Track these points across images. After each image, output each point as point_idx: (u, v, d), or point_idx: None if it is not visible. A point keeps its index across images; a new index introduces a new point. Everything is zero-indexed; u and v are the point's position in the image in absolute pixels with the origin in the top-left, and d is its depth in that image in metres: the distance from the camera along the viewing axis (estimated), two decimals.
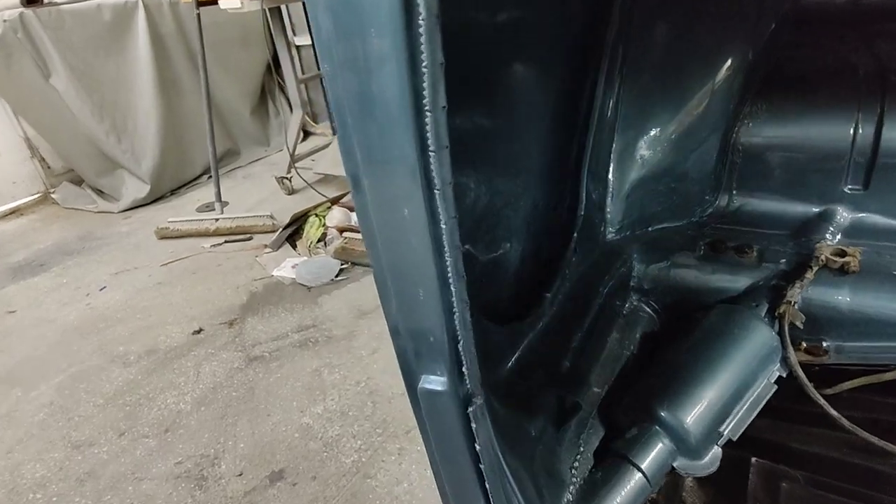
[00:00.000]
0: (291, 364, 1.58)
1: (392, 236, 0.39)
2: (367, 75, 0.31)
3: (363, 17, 0.30)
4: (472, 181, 0.66)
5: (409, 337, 0.45)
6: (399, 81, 0.30)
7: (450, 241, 0.37)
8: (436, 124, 0.32)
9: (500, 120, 0.67)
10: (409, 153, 0.34)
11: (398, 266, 0.41)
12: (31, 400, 1.59)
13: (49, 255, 2.57)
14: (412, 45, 0.29)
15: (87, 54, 2.71)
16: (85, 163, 3.04)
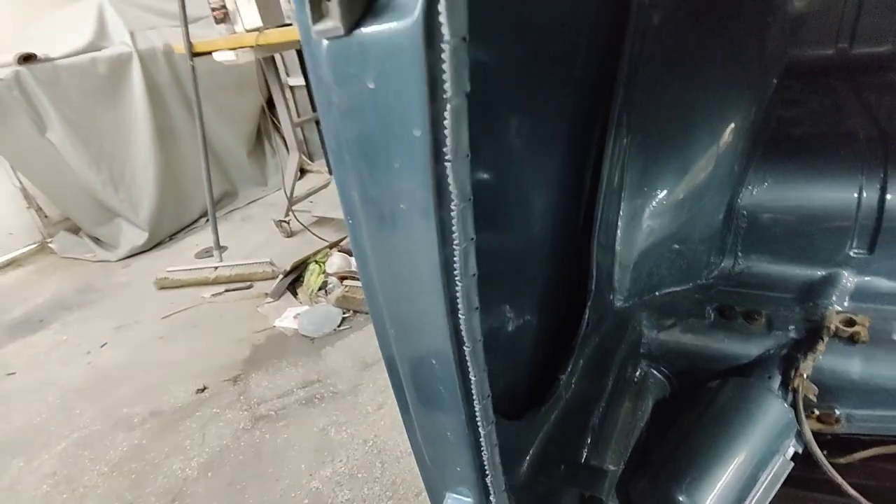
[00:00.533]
0: (298, 423, 1.57)
1: (406, 330, 0.39)
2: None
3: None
4: (495, 262, 0.67)
5: (432, 449, 0.45)
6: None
7: (469, 333, 0.36)
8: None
9: (507, 196, 0.68)
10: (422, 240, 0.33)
11: (417, 372, 0.40)
12: (33, 470, 1.56)
13: (48, 310, 2.55)
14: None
15: (83, 107, 2.73)
16: (82, 213, 3.05)
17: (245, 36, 2.31)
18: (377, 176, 0.32)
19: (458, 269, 0.33)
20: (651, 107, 0.84)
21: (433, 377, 0.39)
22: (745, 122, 0.89)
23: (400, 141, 0.29)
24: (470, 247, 0.32)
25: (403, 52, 0.27)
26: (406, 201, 0.32)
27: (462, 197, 0.30)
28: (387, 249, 0.36)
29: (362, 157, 0.32)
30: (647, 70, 0.82)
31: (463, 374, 0.36)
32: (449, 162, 0.29)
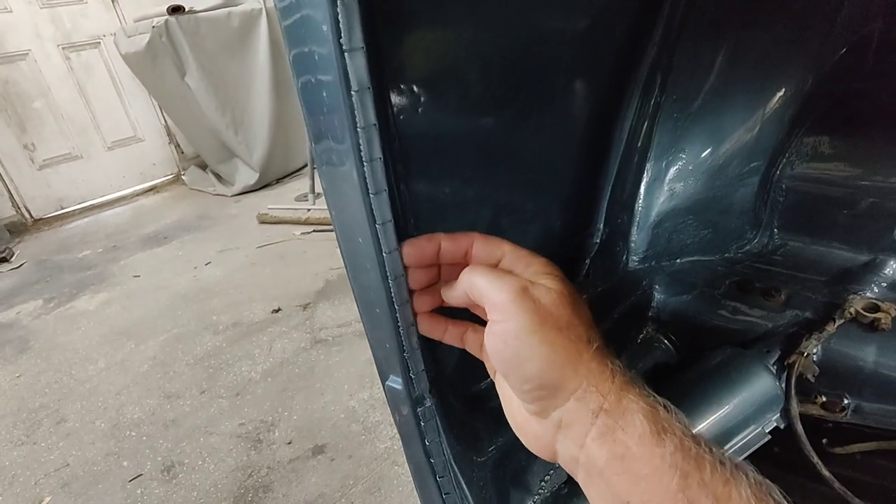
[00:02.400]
0: (349, 350, 1.73)
1: (352, 254, 0.47)
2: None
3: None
4: (478, 194, 0.71)
5: (375, 343, 0.53)
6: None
7: (392, 270, 0.44)
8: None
9: (518, 132, 0.71)
10: (356, 192, 0.41)
11: (358, 282, 0.48)
12: (140, 353, 1.88)
13: (172, 230, 2.98)
14: None
15: (216, 56, 3.08)
16: (208, 151, 3.46)
17: None
18: (298, 51, 0.39)
19: (369, 181, 0.40)
20: (689, 67, 0.81)
21: (360, 257, 0.46)
22: (798, 89, 0.82)
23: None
24: (373, 132, 0.38)
25: None
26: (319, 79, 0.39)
27: (352, 48, 0.36)
28: (317, 128, 0.43)
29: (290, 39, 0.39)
30: (688, 30, 0.79)
31: (378, 252, 0.43)
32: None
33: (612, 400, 0.31)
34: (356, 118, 0.38)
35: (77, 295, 2.37)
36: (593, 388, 0.31)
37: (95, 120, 3.46)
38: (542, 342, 0.32)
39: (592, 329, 0.34)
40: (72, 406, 1.66)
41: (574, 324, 0.33)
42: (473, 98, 0.62)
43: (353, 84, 0.36)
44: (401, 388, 0.53)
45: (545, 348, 0.32)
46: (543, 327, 0.32)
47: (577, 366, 0.32)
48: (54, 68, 3.23)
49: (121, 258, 2.71)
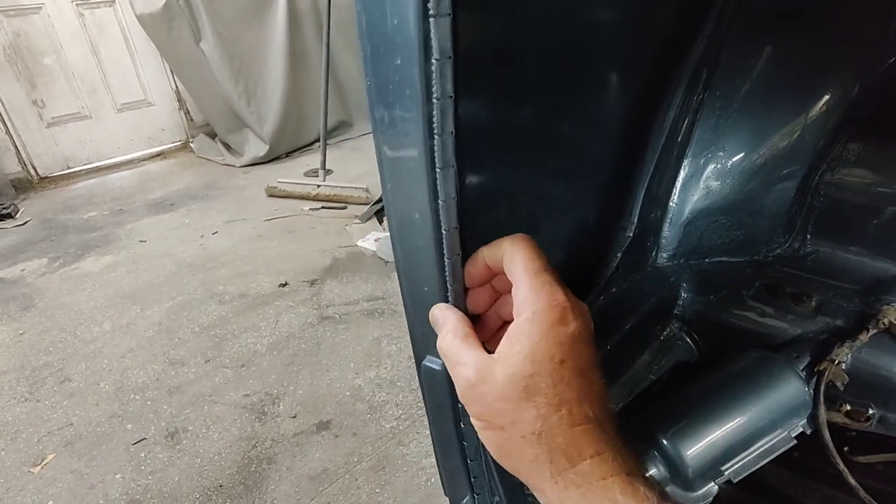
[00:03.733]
0: (356, 329, 1.72)
1: (405, 233, 0.46)
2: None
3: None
4: (519, 180, 0.70)
5: (416, 322, 0.52)
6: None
7: (449, 248, 0.42)
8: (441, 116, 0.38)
9: (563, 119, 0.70)
10: (420, 166, 0.40)
11: (408, 260, 0.47)
12: (145, 318, 1.87)
13: (179, 197, 2.95)
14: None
15: (232, 24, 3.03)
16: (219, 119, 3.42)
17: None
18: (383, 67, 0.38)
19: (437, 155, 0.38)
20: (737, 64, 0.79)
21: (415, 235, 0.45)
22: (844, 96, 0.81)
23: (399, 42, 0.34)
24: (448, 102, 0.37)
25: None
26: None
27: (442, 56, 0.35)
28: (384, 118, 0.41)
29: (374, 53, 0.37)
30: (738, 28, 0.77)
31: (436, 229, 0.42)
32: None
33: (554, 500, 0.30)
34: (432, 88, 0.37)
35: (82, 256, 2.36)
36: (536, 485, 0.31)
37: (106, 80, 3.41)
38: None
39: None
40: (76, 366, 1.65)
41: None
42: (525, 81, 0.60)
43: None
44: (440, 368, 0.52)
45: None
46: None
47: (520, 465, 0.32)
48: (67, 24, 3.18)
49: (127, 222, 2.69)
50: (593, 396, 0.31)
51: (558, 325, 0.31)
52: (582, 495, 0.29)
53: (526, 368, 0.31)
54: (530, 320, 0.32)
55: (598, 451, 0.29)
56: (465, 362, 0.34)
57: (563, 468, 0.29)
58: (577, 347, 0.31)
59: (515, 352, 0.32)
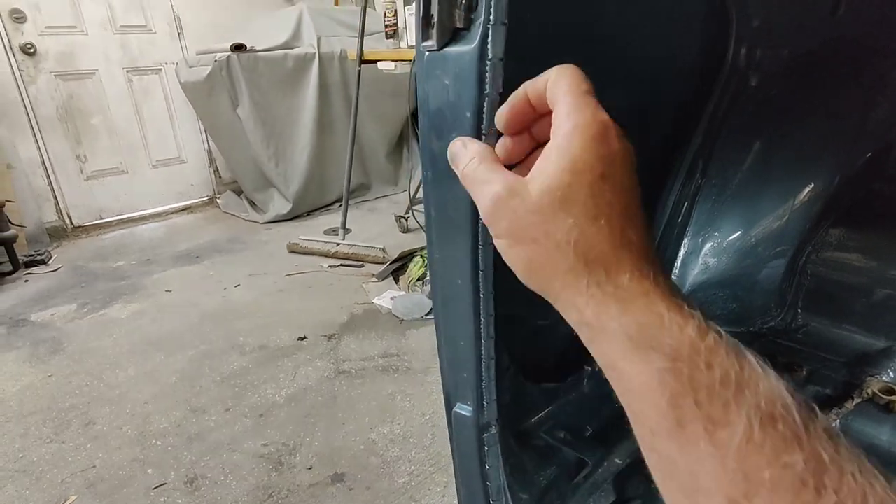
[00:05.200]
0: (371, 384, 1.78)
1: (448, 294, 0.55)
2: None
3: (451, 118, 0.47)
4: None
5: (451, 371, 0.60)
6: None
7: (485, 309, 0.52)
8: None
9: None
10: (466, 242, 0.50)
11: (449, 318, 0.57)
12: (169, 365, 1.95)
13: (204, 250, 3.09)
14: None
15: (268, 93, 3.29)
16: (247, 178, 3.62)
17: (406, 51, 2.65)
18: (441, 146, 0.49)
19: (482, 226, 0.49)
20: (729, 158, 0.91)
21: (456, 297, 0.55)
22: (825, 187, 0.92)
23: (457, 118, 0.46)
24: None
25: (467, 63, 0.43)
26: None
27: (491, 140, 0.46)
28: (439, 197, 0.52)
29: (435, 130, 0.49)
30: (730, 125, 0.89)
31: (475, 293, 0.52)
32: (484, 135, 0.45)
33: (589, 314, 0.28)
34: None
35: (110, 303, 2.47)
36: (570, 301, 0.29)
37: (145, 139, 3.65)
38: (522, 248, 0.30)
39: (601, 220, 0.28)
40: (100, 410, 1.71)
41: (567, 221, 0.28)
42: None
43: (485, 129, 0.45)
44: (469, 414, 0.60)
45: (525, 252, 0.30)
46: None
47: (553, 279, 0.30)
48: (116, 88, 3.46)
49: (153, 272, 2.81)
50: (635, 221, 0.29)
51: (601, 140, 0.29)
52: (622, 309, 0.27)
53: (564, 179, 0.28)
54: (570, 133, 0.29)
55: (638, 269, 0.28)
56: (492, 181, 0.32)
57: (602, 280, 0.27)
58: (619, 167, 0.29)
59: (552, 164, 0.29)
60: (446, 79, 0.46)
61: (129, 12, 3.43)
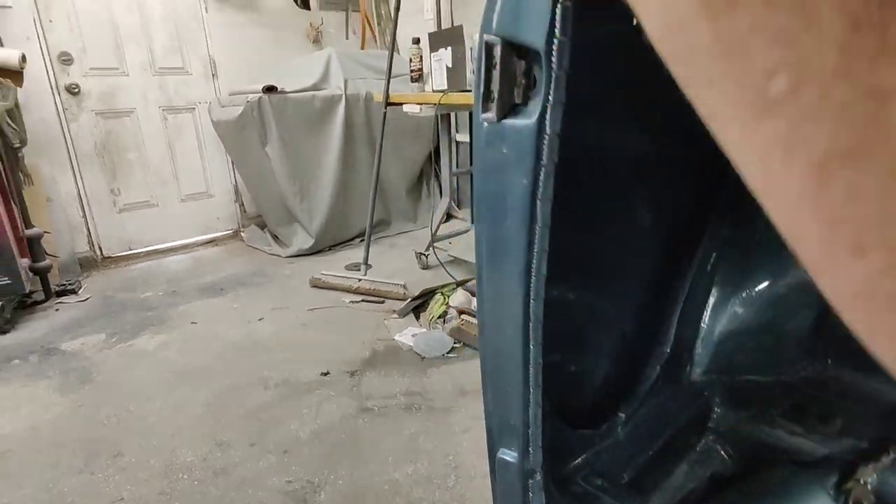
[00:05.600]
0: (395, 423, 1.79)
1: (497, 343, 0.58)
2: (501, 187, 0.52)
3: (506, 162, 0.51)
4: (573, 302, 0.83)
5: (496, 417, 0.63)
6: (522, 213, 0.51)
7: (534, 359, 0.55)
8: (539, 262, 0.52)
9: (608, 249, 0.84)
10: (518, 294, 0.53)
11: (497, 365, 0.60)
12: (195, 397, 1.98)
13: (228, 283, 3.16)
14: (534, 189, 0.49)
15: (296, 132, 3.41)
16: (272, 213, 3.72)
17: (431, 95, 2.75)
18: (496, 207, 0.54)
19: (534, 271, 0.53)
20: (756, 208, 0.94)
21: (505, 345, 0.58)
22: None
23: (513, 183, 0.50)
24: (543, 254, 0.51)
25: (526, 137, 0.48)
26: (510, 223, 0.53)
27: (543, 224, 0.50)
28: (491, 252, 0.56)
29: (490, 191, 0.53)
30: None
31: (525, 343, 0.55)
32: (539, 201, 0.49)
33: None
34: (534, 247, 0.52)
35: (138, 333, 2.52)
36: None
37: (176, 174, 3.79)
38: None
39: None
40: (128, 441, 1.74)
41: None
42: (592, 227, 0.76)
43: (539, 221, 0.49)
44: (514, 460, 0.62)
45: None
46: None
47: None
48: (152, 126, 3.62)
49: (179, 303, 2.88)
50: None
51: None
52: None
53: None
54: None
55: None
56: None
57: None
58: None
59: None
60: (504, 147, 0.51)
61: (169, 55, 3.61)
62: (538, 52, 0.45)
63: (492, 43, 0.48)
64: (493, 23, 0.48)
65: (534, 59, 0.47)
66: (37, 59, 3.08)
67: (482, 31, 0.50)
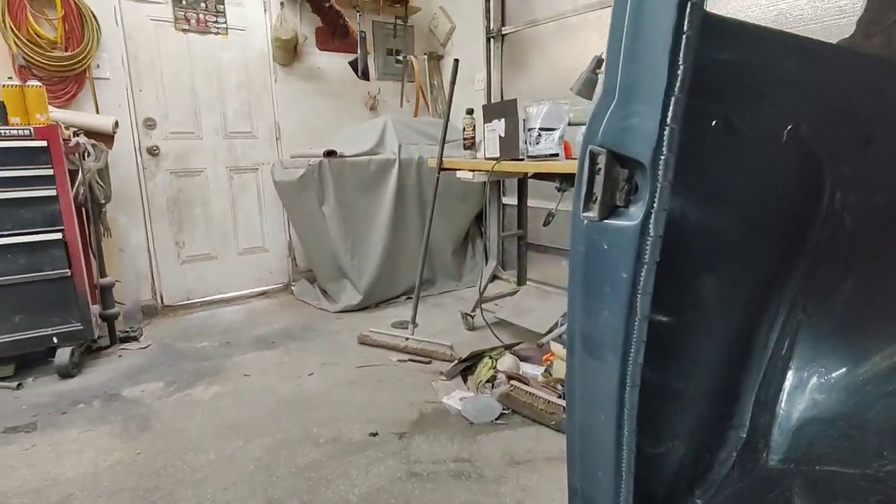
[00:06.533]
0: (444, 490, 1.76)
1: (588, 428, 0.61)
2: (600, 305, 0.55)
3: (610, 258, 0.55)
4: (653, 384, 0.84)
5: (583, 500, 0.64)
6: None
7: (628, 446, 0.57)
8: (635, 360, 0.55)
9: (686, 331, 0.85)
10: (612, 386, 0.56)
11: (587, 449, 0.61)
12: (247, 451, 2.01)
13: (279, 336, 3.25)
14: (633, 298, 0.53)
15: (351, 193, 3.59)
16: (323, 268, 3.85)
17: (484, 162, 2.87)
18: (593, 297, 0.57)
19: (632, 360, 0.55)
20: (827, 295, 0.95)
21: (598, 432, 0.60)
22: None
23: (614, 277, 0.54)
24: (641, 344, 0.54)
25: (628, 237, 0.52)
26: (608, 312, 0.56)
27: (643, 317, 0.53)
28: (587, 342, 0.60)
29: (589, 282, 0.57)
30: (828, 263, 0.94)
31: (619, 429, 0.57)
32: (640, 294, 0.53)
33: None
34: (632, 338, 0.55)
35: (194, 383, 2.61)
36: None
37: (236, 229, 4.01)
38: None
39: None
40: (183, 492, 1.77)
41: None
42: (677, 326, 0.79)
43: (639, 314, 0.53)
44: None
45: None
46: None
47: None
48: (219, 184, 3.87)
49: (233, 354, 2.97)
50: None
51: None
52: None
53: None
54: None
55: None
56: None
57: None
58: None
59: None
60: (604, 244, 0.55)
61: (239, 121, 3.92)
62: (643, 164, 0.50)
63: (596, 152, 0.54)
64: (599, 135, 0.54)
65: (636, 167, 0.52)
66: (126, 123, 3.40)
67: (586, 139, 0.56)
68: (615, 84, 0.53)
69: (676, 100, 0.46)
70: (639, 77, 0.50)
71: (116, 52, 3.37)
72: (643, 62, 0.50)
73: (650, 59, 0.50)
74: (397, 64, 4.64)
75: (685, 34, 0.47)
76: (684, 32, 0.47)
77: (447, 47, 4.71)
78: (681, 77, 0.47)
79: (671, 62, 0.47)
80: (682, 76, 0.47)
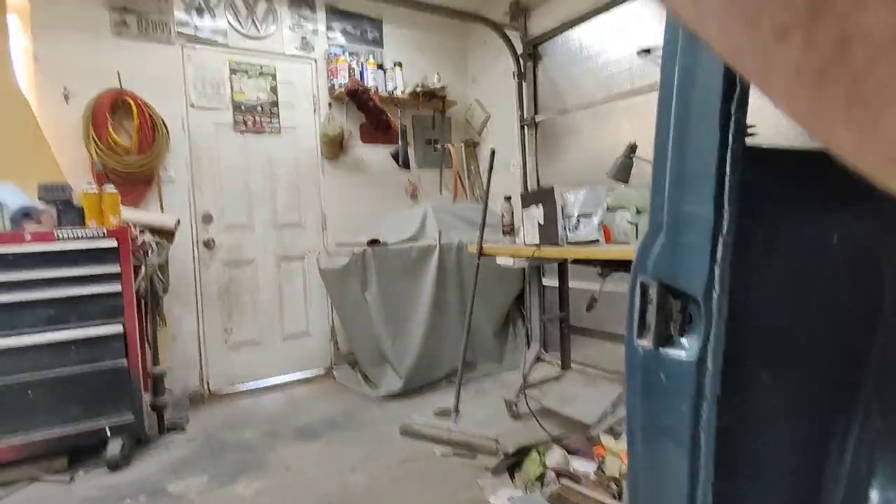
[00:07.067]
0: None
1: None
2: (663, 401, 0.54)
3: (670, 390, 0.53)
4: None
5: None
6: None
7: None
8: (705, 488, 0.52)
9: (750, 446, 0.81)
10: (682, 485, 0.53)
11: None
12: None
13: (322, 426, 3.22)
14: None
15: (393, 279, 3.67)
16: (365, 353, 3.87)
17: (524, 248, 2.90)
18: (653, 427, 0.56)
19: (700, 499, 0.53)
20: None
21: None
22: None
23: (674, 412, 0.53)
24: (709, 482, 0.52)
25: (685, 368, 0.52)
26: (670, 447, 0.55)
27: (708, 452, 0.52)
28: (653, 474, 0.58)
29: (647, 415, 0.56)
30: None
31: None
32: (703, 431, 0.51)
33: None
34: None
35: (237, 478, 2.58)
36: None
37: (282, 315, 4.11)
38: None
39: None
40: None
41: None
42: (742, 445, 0.75)
43: (703, 446, 0.51)
44: None
45: None
46: None
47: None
48: (267, 273, 4.04)
49: (276, 446, 2.95)
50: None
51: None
52: None
53: None
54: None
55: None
56: None
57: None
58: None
59: None
60: (661, 374, 0.55)
61: (288, 213, 4.15)
62: (697, 299, 0.51)
63: (648, 283, 0.55)
64: (649, 266, 0.55)
65: (689, 300, 0.53)
66: (186, 219, 3.66)
67: (636, 269, 0.57)
68: (661, 219, 0.55)
69: (724, 241, 0.48)
70: (686, 215, 0.52)
71: (181, 155, 3.70)
72: (689, 201, 0.52)
73: (696, 197, 0.52)
74: (435, 152, 4.88)
75: (727, 175, 0.49)
76: (726, 174, 0.49)
77: (482, 135, 4.95)
78: (727, 219, 0.48)
79: (716, 203, 0.49)
80: (727, 218, 0.48)
